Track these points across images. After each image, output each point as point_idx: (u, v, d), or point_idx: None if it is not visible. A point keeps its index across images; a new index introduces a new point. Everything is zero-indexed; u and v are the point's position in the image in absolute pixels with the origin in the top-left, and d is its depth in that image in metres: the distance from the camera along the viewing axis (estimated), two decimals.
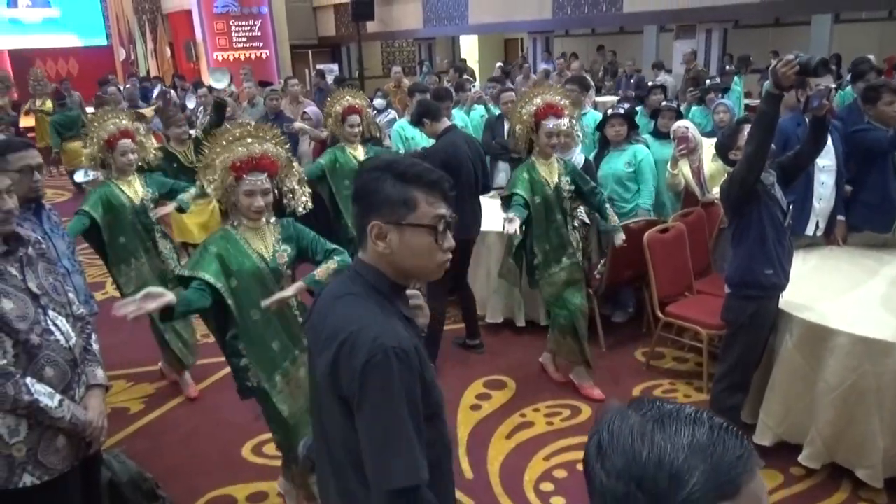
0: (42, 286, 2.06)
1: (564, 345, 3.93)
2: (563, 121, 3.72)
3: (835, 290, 3.42)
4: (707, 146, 4.60)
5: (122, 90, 10.85)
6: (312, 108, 6.37)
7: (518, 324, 4.83)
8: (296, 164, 2.92)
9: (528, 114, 3.70)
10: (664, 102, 6.03)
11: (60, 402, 1.98)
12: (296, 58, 18.04)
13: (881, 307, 3.20)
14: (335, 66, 16.56)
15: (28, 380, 1.92)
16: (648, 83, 9.22)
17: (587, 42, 17.04)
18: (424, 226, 1.44)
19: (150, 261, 3.86)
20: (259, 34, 16.56)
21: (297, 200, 2.84)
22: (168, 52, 17.19)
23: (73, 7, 17.08)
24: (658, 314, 4.12)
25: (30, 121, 11.11)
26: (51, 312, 2.04)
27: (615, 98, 9.49)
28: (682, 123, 4.77)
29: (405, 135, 5.78)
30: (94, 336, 2.24)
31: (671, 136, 4.73)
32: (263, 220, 2.68)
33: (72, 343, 2.08)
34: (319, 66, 15.33)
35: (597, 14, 12.89)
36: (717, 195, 3.69)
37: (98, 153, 3.77)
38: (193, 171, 4.57)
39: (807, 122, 3.31)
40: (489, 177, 5.02)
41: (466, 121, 6.64)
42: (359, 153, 4.58)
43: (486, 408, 3.88)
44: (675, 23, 12.63)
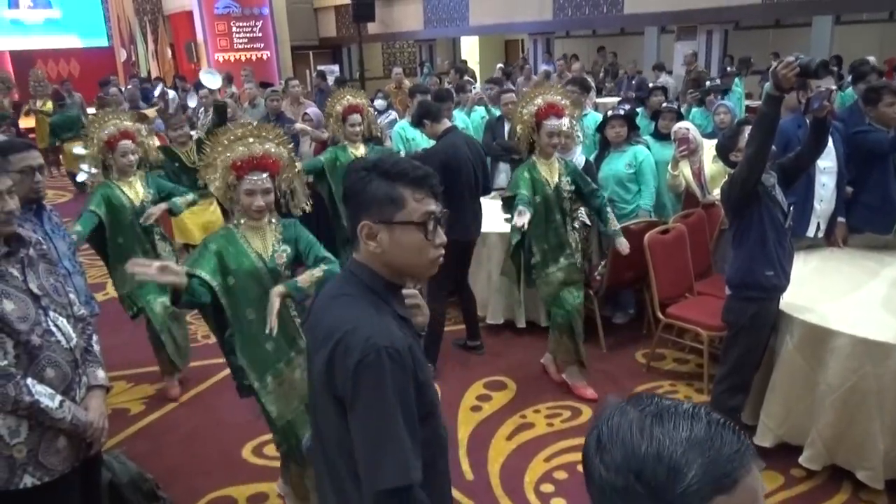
0: (43, 287, 2.06)
1: (561, 344, 3.94)
2: (564, 121, 3.74)
3: (835, 292, 3.42)
4: (708, 147, 4.60)
5: (124, 91, 10.86)
6: (313, 110, 6.36)
7: (518, 325, 4.82)
8: (298, 165, 2.93)
9: (530, 114, 3.72)
10: (665, 104, 6.03)
11: (61, 403, 1.98)
12: (297, 59, 18.06)
13: (882, 309, 3.20)
14: (336, 68, 16.58)
15: (29, 381, 1.92)
16: (649, 84, 9.23)
17: (588, 43, 17.04)
18: (414, 223, 1.43)
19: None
20: (260, 35, 16.60)
21: (298, 200, 2.84)
22: (169, 53, 17.21)
23: (75, 8, 17.10)
24: (659, 315, 4.12)
25: (30, 122, 11.11)
26: (52, 313, 2.04)
27: (616, 99, 9.49)
28: (683, 125, 4.77)
29: (406, 136, 5.79)
30: (95, 337, 2.24)
31: (672, 138, 4.73)
32: (265, 220, 2.69)
33: (73, 344, 2.08)
34: (320, 67, 15.35)
35: (597, 15, 12.90)
36: (718, 196, 3.69)
37: (98, 154, 3.78)
38: (195, 172, 4.56)
39: (807, 124, 3.31)
40: (489, 178, 5.02)
41: (467, 122, 6.64)
42: (360, 153, 4.55)
43: (487, 409, 3.88)
44: (676, 24, 12.63)
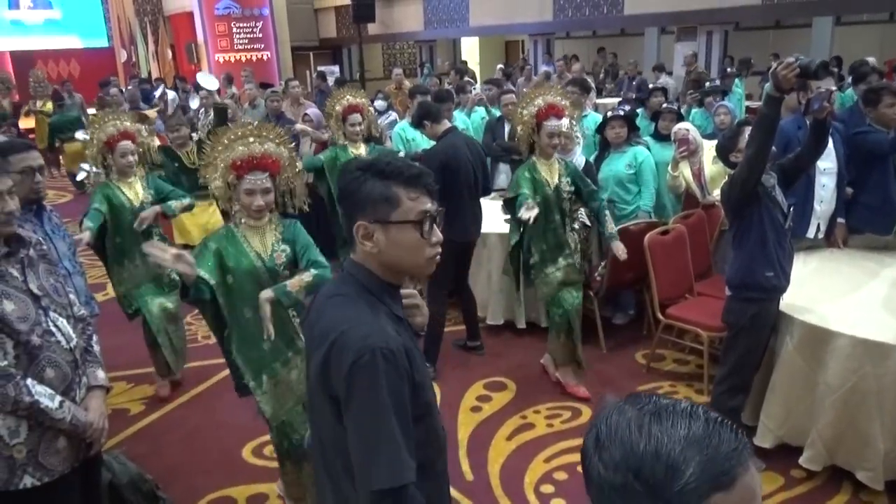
0: (43, 287, 2.06)
1: (558, 343, 3.95)
2: (564, 121, 3.74)
3: (835, 293, 3.41)
4: (708, 148, 4.61)
5: (124, 92, 10.86)
6: (313, 110, 6.37)
7: (518, 325, 4.82)
8: (299, 164, 2.93)
9: (530, 115, 3.72)
10: (665, 105, 6.03)
11: (61, 404, 1.98)
12: (297, 59, 18.06)
13: (882, 309, 3.20)
14: (336, 68, 16.58)
15: (29, 381, 1.92)
16: (650, 85, 9.23)
17: (588, 44, 17.04)
18: (409, 222, 1.43)
19: (145, 264, 3.83)
20: (260, 36, 16.61)
21: (297, 199, 2.84)
22: (169, 54, 17.21)
23: (75, 8, 17.10)
24: (659, 316, 4.12)
25: (30, 122, 11.11)
26: (52, 313, 2.04)
27: (616, 100, 9.49)
28: (683, 125, 4.78)
29: (406, 136, 5.79)
30: (95, 337, 2.24)
31: (672, 139, 4.73)
32: (265, 220, 2.69)
33: (73, 344, 2.08)
34: (320, 68, 15.35)
35: (598, 16, 12.90)
36: (718, 197, 3.69)
37: (98, 154, 3.78)
38: (195, 173, 4.56)
39: (808, 125, 3.31)
40: (489, 179, 5.02)
41: (467, 123, 6.64)
42: (361, 152, 4.54)
43: (487, 409, 3.88)
44: (676, 25, 12.64)
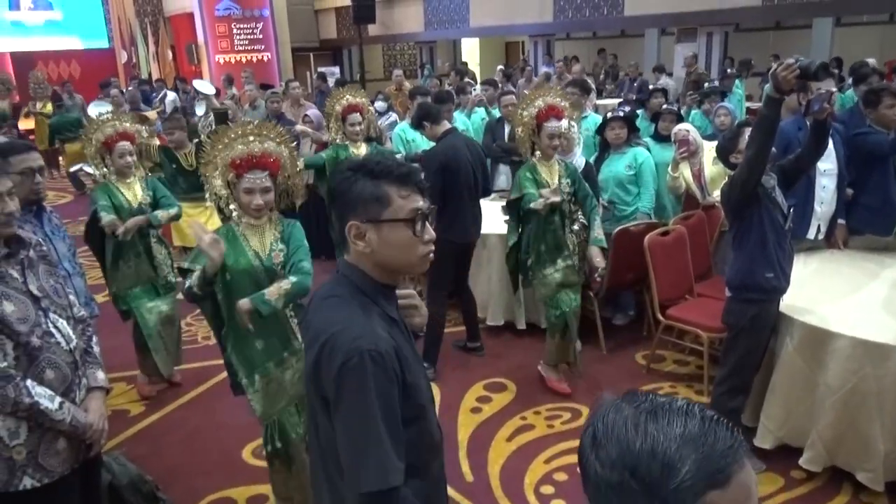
0: (43, 288, 2.06)
1: (552, 343, 3.95)
2: (564, 122, 3.74)
3: (835, 294, 3.41)
4: (708, 149, 4.61)
5: (125, 93, 10.86)
6: (313, 111, 6.37)
7: (519, 326, 4.82)
8: (300, 164, 2.93)
9: (530, 116, 3.72)
10: (665, 106, 6.02)
11: (61, 405, 1.98)
12: (297, 60, 18.07)
13: (882, 310, 3.20)
14: (336, 69, 16.60)
15: (28, 382, 1.92)
16: (650, 86, 9.23)
17: (588, 45, 17.06)
18: (401, 220, 1.43)
19: (140, 265, 3.84)
20: (260, 37, 16.61)
21: (294, 195, 2.84)
22: (170, 55, 17.22)
23: (75, 9, 17.10)
24: (659, 317, 4.12)
25: (29, 123, 11.12)
26: (51, 315, 2.04)
27: (617, 101, 9.50)
28: (683, 127, 4.78)
29: (406, 137, 5.79)
30: (95, 338, 2.24)
31: (672, 140, 4.73)
32: (264, 219, 2.69)
33: (72, 345, 2.08)
34: (321, 69, 15.37)
35: (598, 17, 12.91)
36: (718, 198, 3.69)
37: (96, 154, 3.79)
38: (192, 174, 4.55)
39: (808, 126, 3.31)
40: (489, 180, 5.02)
41: (467, 124, 6.64)
42: (361, 152, 4.54)
43: (487, 410, 3.87)
44: (676, 26, 12.64)
